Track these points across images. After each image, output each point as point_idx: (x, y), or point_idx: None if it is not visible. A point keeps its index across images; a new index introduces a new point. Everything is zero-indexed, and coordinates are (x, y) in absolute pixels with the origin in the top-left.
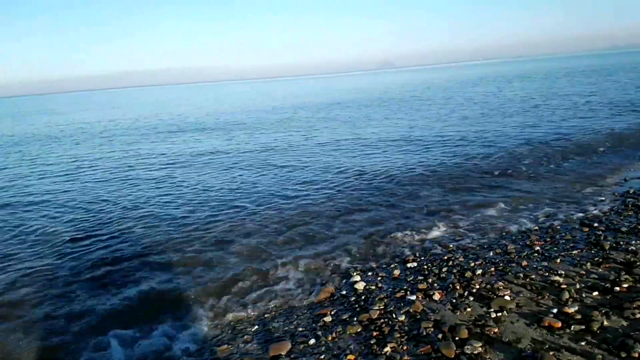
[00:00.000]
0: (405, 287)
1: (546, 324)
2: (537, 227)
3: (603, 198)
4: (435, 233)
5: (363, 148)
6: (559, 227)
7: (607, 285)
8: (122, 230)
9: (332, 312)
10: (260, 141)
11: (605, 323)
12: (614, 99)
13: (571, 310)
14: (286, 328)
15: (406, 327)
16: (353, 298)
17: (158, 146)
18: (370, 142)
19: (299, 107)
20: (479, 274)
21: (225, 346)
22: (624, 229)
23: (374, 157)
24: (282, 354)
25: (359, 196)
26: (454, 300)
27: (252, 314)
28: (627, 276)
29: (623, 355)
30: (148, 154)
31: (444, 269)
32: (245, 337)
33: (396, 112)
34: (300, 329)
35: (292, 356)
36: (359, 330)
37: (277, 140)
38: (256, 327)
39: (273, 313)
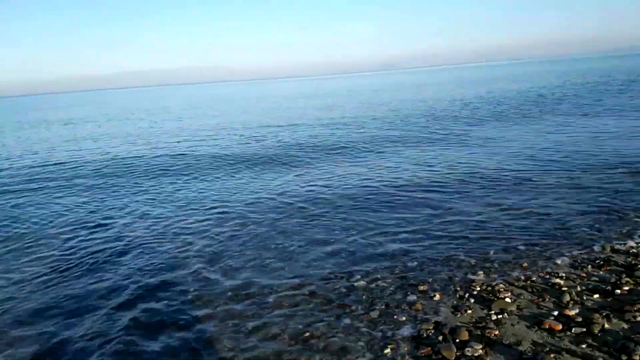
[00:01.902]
0: (406, 288)
1: (547, 327)
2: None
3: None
4: (436, 234)
5: None
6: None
7: (608, 287)
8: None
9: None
10: None
11: (606, 326)
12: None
13: (572, 312)
14: (286, 328)
15: (406, 329)
16: (353, 298)
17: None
18: None
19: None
20: (479, 275)
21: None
22: (624, 230)
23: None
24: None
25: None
26: (455, 302)
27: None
28: (627, 279)
29: (624, 358)
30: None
31: (445, 270)
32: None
33: None
34: (301, 329)
35: (292, 357)
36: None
37: None
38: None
39: (272, 314)
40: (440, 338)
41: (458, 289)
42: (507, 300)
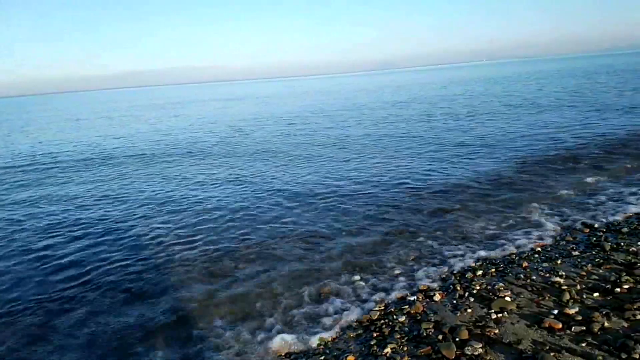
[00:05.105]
0: (406, 288)
1: (547, 325)
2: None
3: (603, 199)
4: (437, 234)
5: None
6: (560, 228)
7: (607, 286)
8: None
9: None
10: None
11: (606, 324)
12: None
13: (572, 311)
14: (287, 329)
15: (406, 328)
16: (354, 299)
17: None
18: None
19: None
20: (479, 275)
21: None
22: (624, 230)
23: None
24: (283, 354)
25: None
26: (455, 301)
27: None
28: (627, 277)
29: (623, 356)
30: None
31: (445, 270)
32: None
33: None
34: (301, 330)
35: (292, 357)
36: (359, 331)
37: None
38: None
39: (272, 314)
40: (440, 337)
41: (458, 288)
42: (507, 299)
